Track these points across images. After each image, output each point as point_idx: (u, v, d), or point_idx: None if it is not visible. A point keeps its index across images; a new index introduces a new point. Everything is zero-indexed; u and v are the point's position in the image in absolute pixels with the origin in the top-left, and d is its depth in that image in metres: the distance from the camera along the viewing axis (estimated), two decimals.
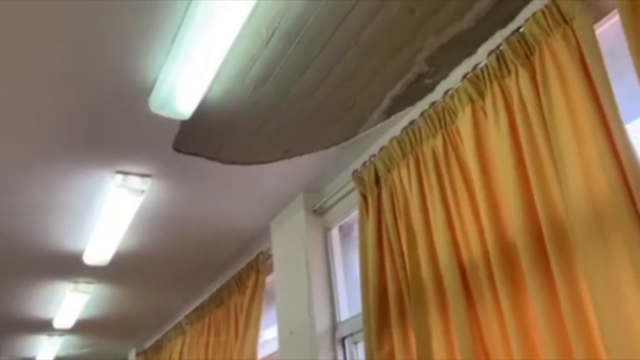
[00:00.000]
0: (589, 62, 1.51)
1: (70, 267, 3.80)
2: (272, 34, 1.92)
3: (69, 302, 4.46)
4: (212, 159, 2.66)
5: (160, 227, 3.36)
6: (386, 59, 2.10)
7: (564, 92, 1.57)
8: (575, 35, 1.57)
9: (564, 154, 1.53)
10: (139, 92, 2.12)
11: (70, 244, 3.47)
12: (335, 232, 3.04)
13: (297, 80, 2.17)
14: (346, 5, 1.81)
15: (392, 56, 2.09)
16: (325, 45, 2.00)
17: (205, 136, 2.48)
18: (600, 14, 1.64)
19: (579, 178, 1.48)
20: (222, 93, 2.20)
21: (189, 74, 1.95)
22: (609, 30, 1.68)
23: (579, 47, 1.55)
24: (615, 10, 1.53)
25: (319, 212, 3.03)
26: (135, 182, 2.68)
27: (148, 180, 2.72)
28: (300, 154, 2.71)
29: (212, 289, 4.16)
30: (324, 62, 2.08)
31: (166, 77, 1.98)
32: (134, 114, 2.25)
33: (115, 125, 2.33)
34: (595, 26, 1.63)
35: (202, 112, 2.26)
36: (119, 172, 2.65)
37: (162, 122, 2.28)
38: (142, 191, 2.72)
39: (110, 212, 2.94)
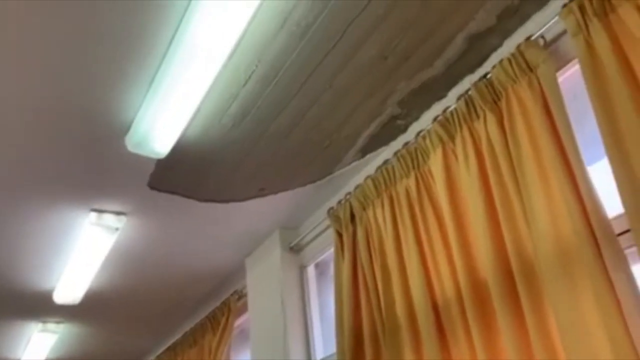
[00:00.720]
0: (553, 108, 1.58)
1: (39, 306, 3.71)
2: (250, 76, 1.97)
3: (37, 343, 4.32)
4: (188, 197, 2.67)
5: (133, 265, 3.32)
6: (360, 101, 2.16)
7: (530, 136, 1.64)
8: (539, 83, 1.65)
9: (531, 196, 1.59)
10: (116, 131, 2.13)
11: (40, 283, 3.39)
12: (311, 270, 3.04)
13: (274, 120, 2.22)
14: (322, 51, 1.88)
15: (366, 99, 2.15)
16: (302, 88, 2.05)
17: (181, 174, 2.49)
18: (562, 62, 1.73)
19: (545, 219, 1.54)
20: (200, 131, 2.23)
21: (166, 114, 1.98)
22: (573, 76, 1.77)
23: (542, 93, 1.63)
24: (577, 59, 1.62)
25: (295, 249, 3.04)
26: (110, 220, 2.66)
27: (123, 218, 2.71)
28: (276, 193, 2.73)
29: (186, 328, 4.09)
30: (301, 103, 2.13)
31: (144, 116, 2.01)
32: (111, 153, 2.26)
33: (92, 164, 2.33)
34: (558, 73, 1.72)
35: (179, 151, 2.28)
36: (93, 209, 2.64)
37: (138, 160, 2.29)
38: (117, 229, 2.70)
39: (83, 250, 2.90)
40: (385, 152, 2.42)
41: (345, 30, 1.80)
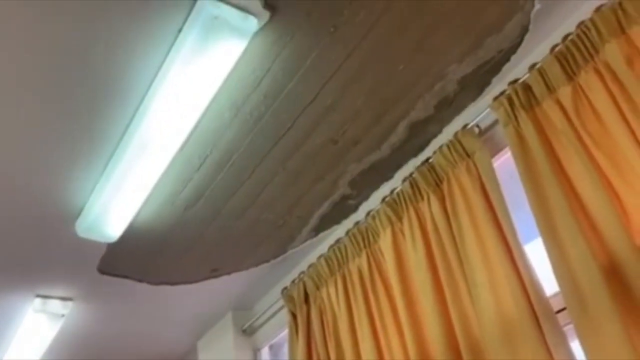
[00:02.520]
0: (490, 192, 1.70)
1: None
2: (204, 161, 2.02)
3: None
4: (139, 280, 2.62)
5: (79, 352, 3.16)
6: (312, 182, 2.24)
7: (470, 218, 1.74)
8: (476, 168, 1.78)
9: (474, 276, 1.66)
10: (66, 216, 2.11)
11: None
12: (265, 352, 2.98)
13: (227, 201, 2.25)
14: (274, 137, 1.96)
15: (318, 180, 2.23)
16: (255, 171, 2.12)
17: (132, 258, 2.46)
18: (497, 149, 1.87)
19: (488, 298, 1.61)
20: (152, 214, 2.23)
21: (119, 198, 1.99)
22: (510, 158, 1.90)
23: (480, 178, 1.75)
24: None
25: (248, 331, 2.99)
26: (56, 306, 2.57)
27: (69, 303, 2.62)
28: (229, 273, 2.72)
29: None
30: (254, 185, 2.19)
31: (96, 201, 2.01)
32: (59, 238, 2.22)
33: (39, 249, 2.28)
34: (495, 158, 1.86)
35: (130, 234, 2.27)
36: (38, 295, 2.54)
37: (88, 244, 2.26)
38: (62, 315, 2.60)
39: (24, 338, 2.75)
40: (338, 231, 2.48)
41: (296, 119, 1.90)
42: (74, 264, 2.40)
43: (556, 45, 1.60)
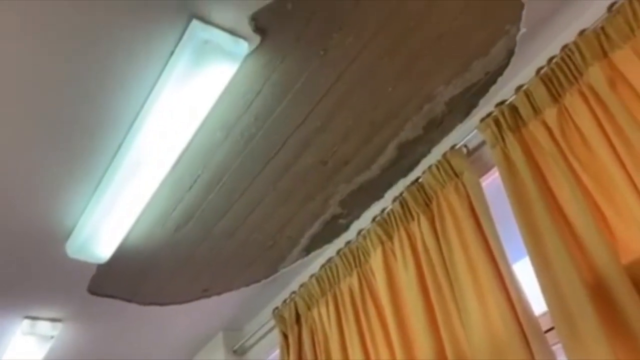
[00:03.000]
0: (478, 212, 1.72)
1: None
2: (195, 181, 2.03)
3: None
4: (129, 301, 2.60)
5: None
6: (303, 202, 2.25)
7: (460, 238, 1.76)
8: (465, 188, 1.79)
9: (464, 296, 1.67)
10: (56, 237, 2.10)
11: None
12: None
13: (218, 222, 2.26)
14: (264, 158, 1.97)
15: (308, 200, 2.24)
16: (245, 191, 2.12)
17: (122, 278, 2.45)
18: (486, 169, 1.89)
19: (478, 318, 1.62)
20: (143, 235, 2.23)
21: (110, 219, 1.99)
22: (498, 178, 1.93)
23: (469, 198, 1.77)
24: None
25: (239, 352, 2.96)
26: (45, 327, 2.54)
27: (59, 325, 2.59)
28: (220, 293, 2.71)
29: None
30: (244, 205, 2.20)
31: (86, 222, 2.00)
32: (49, 259, 2.20)
33: (28, 270, 2.26)
34: (484, 177, 1.88)
35: (121, 255, 2.26)
36: (27, 317, 2.51)
37: (77, 265, 2.24)
38: (52, 337, 2.57)
39: None
40: (329, 250, 2.48)
41: (287, 140, 1.92)
42: (63, 284, 2.38)
43: (541, 68, 1.63)
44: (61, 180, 1.88)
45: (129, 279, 2.46)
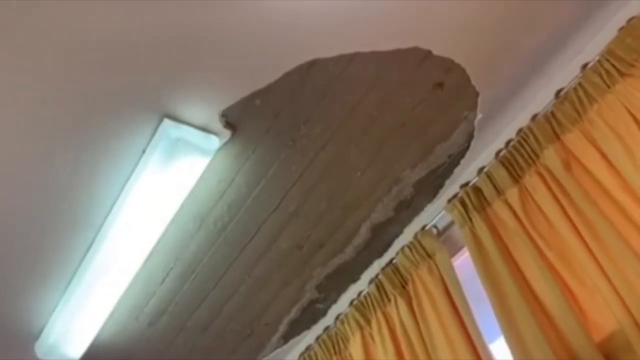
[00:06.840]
0: (452, 292, 1.73)
1: None
2: (168, 274, 2.01)
3: None
4: None
5: None
6: (280, 288, 2.23)
7: (438, 318, 1.76)
8: (438, 268, 1.82)
9: None
10: (25, 337, 2.03)
11: None
12: None
13: (192, 314, 2.21)
14: (238, 246, 1.98)
15: (285, 285, 2.22)
16: (220, 281, 2.10)
17: None
18: (456, 248, 1.93)
19: None
20: (115, 331, 2.16)
21: (81, 317, 1.94)
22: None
23: (442, 278, 1.79)
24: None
25: None
26: None
27: None
28: None
29: None
30: (219, 295, 2.17)
31: (57, 321, 1.95)
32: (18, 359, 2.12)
33: None
34: (456, 256, 1.91)
35: (93, 353, 2.18)
36: None
37: None
38: None
39: None
40: (308, 337, 2.43)
41: (260, 226, 1.93)
42: None
43: (501, 150, 1.71)
44: (31, 279, 1.84)
45: None
